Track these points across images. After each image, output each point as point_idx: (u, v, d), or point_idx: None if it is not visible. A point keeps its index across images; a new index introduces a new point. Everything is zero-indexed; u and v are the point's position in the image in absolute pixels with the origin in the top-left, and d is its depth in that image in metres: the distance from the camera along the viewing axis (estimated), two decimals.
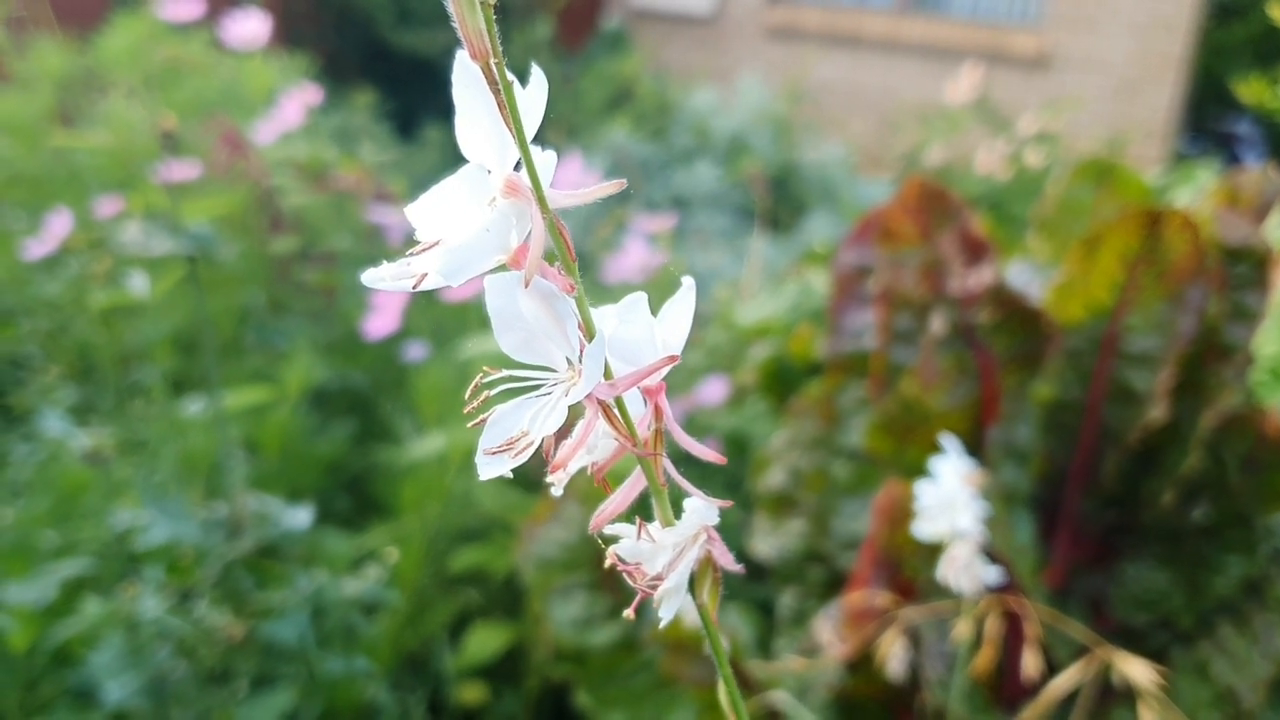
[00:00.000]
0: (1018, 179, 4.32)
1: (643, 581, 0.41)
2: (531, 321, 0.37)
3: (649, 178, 4.56)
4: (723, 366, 2.15)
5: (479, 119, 0.37)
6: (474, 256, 0.36)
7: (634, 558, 0.42)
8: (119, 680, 1.21)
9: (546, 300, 0.37)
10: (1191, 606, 1.25)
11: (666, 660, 1.36)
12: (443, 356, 1.95)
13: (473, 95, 0.37)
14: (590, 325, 0.38)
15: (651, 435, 0.41)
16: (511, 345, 0.38)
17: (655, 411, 0.41)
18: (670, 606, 0.41)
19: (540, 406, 0.38)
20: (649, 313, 0.40)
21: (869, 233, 1.49)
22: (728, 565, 0.42)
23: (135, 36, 2.20)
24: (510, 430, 0.38)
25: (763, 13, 7.21)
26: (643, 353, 0.39)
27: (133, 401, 1.85)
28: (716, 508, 0.42)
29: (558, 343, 0.38)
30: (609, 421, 0.39)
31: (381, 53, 5.64)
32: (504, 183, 0.37)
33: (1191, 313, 1.23)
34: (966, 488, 1.00)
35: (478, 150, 0.37)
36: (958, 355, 1.32)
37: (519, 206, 0.37)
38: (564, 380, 0.38)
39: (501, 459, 0.38)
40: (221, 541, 1.32)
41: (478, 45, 0.35)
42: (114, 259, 1.85)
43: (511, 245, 0.37)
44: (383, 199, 2.25)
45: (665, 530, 0.42)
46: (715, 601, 0.43)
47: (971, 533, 1.00)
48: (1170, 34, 6.23)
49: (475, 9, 0.35)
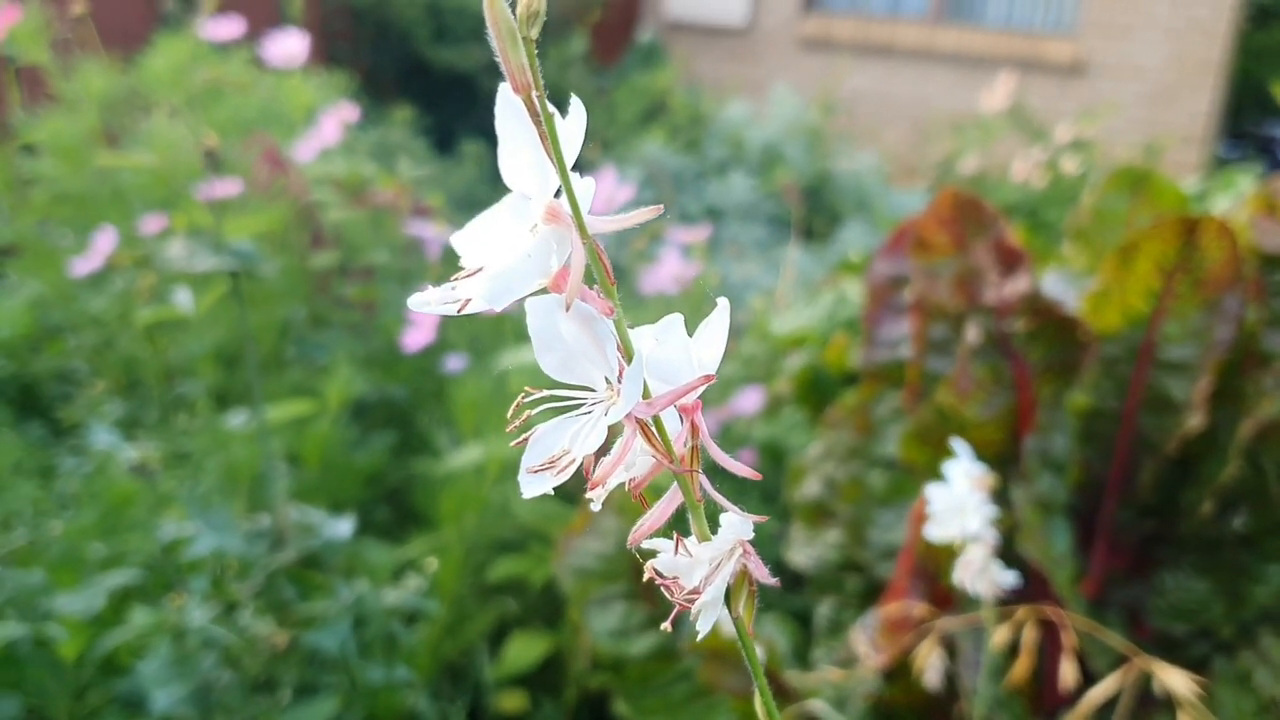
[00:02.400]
0: (1053, 187, 4.30)
1: (680, 595, 0.42)
2: (571, 343, 0.38)
3: (683, 189, 4.58)
4: (758, 377, 2.15)
5: (521, 149, 0.38)
6: (516, 281, 0.37)
7: (671, 571, 0.43)
8: (166, 689, 1.23)
9: (586, 323, 0.38)
10: (1232, 616, 1.24)
11: (705, 670, 1.37)
12: (480, 369, 1.97)
13: (515, 126, 0.38)
14: (629, 346, 0.39)
15: (688, 452, 0.41)
16: (552, 365, 0.39)
17: (691, 429, 0.41)
18: (707, 619, 0.42)
19: (581, 425, 0.39)
20: (685, 333, 0.41)
21: (903, 243, 1.49)
22: (763, 578, 0.43)
23: (177, 57, 2.24)
24: (552, 449, 0.39)
25: (796, 23, 7.22)
26: (679, 372, 0.40)
27: (177, 415, 1.88)
28: (751, 522, 0.42)
29: (597, 363, 0.39)
30: (647, 439, 0.40)
31: (418, 69, 5.69)
32: (545, 210, 0.38)
33: (1229, 321, 1.23)
34: (976, 491, 1.00)
35: (520, 179, 0.39)
36: (993, 365, 1.32)
37: (559, 232, 0.38)
38: (603, 400, 0.39)
39: (544, 477, 0.39)
40: (265, 552, 1.34)
41: (520, 79, 0.36)
42: (159, 275, 1.89)
43: (552, 269, 0.38)
44: (421, 214, 2.27)
45: (702, 545, 0.43)
46: (751, 614, 0.44)
47: (984, 535, 1.00)
48: (1207, 38, 6.18)
49: (518, 44, 0.36)
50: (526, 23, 0.36)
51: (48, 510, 1.52)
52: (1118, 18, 6.38)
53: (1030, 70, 6.40)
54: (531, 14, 0.36)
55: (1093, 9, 6.45)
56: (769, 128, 5.14)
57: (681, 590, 0.42)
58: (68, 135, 2.14)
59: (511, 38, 0.36)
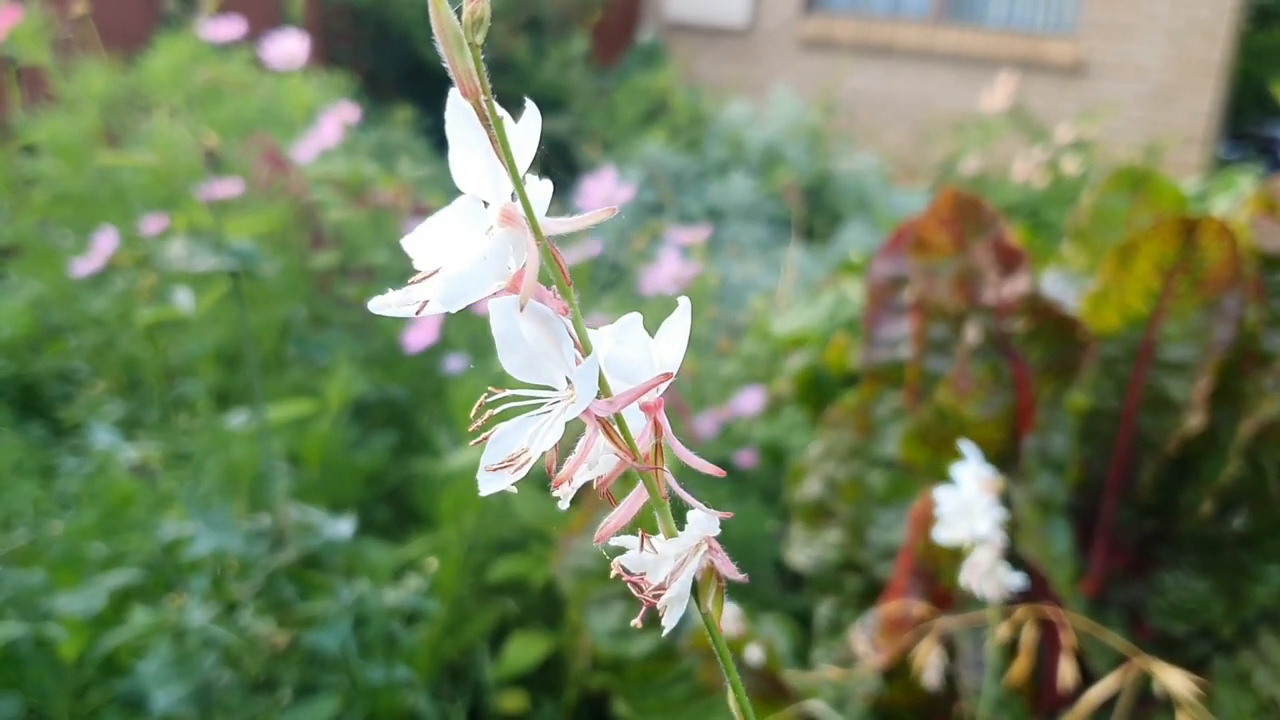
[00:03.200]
0: (1054, 187, 4.30)
1: (647, 591, 0.43)
2: (532, 343, 0.39)
3: (683, 190, 4.58)
4: (758, 377, 2.16)
5: (472, 153, 0.39)
6: (472, 283, 0.38)
7: (638, 568, 0.43)
8: (166, 688, 1.23)
9: (544, 322, 0.39)
10: (1232, 616, 1.24)
11: (703, 670, 1.37)
12: (480, 369, 1.97)
13: (466, 131, 0.38)
14: (586, 344, 0.40)
15: (652, 450, 0.42)
16: (515, 366, 0.40)
17: (654, 427, 0.42)
18: (673, 615, 0.43)
19: (539, 424, 0.40)
20: (644, 333, 0.41)
21: (903, 243, 1.49)
22: (730, 574, 0.44)
23: (178, 57, 2.24)
24: (510, 448, 0.40)
25: (796, 24, 7.22)
26: (640, 371, 0.41)
27: (178, 415, 1.89)
28: (717, 519, 0.43)
29: (556, 363, 0.39)
30: (609, 437, 0.41)
31: (418, 69, 5.69)
32: (500, 213, 0.39)
33: (1228, 321, 1.23)
34: (985, 493, 1.00)
35: (472, 182, 0.39)
36: (993, 365, 1.32)
37: (515, 235, 0.39)
38: (563, 399, 0.40)
39: (502, 475, 0.40)
40: (265, 552, 1.34)
41: (468, 84, 0.37)
42: (159, 275, 1.89)
43: (510, 271, 0.39)
44: (421, 214, 2.27)
45: (668, 541, 0.43)
46: (720, 609, 0.44)
47: (991, 538, 1.00)
48: (1208, 39, 6.18)
49: (464, 49, 0.36)
50: (471, 28, 0.37)
51: (48, 510, 1.52)
52: (1118, 18, 6.38)
53: (1031, 70, 6.40)
54: (476, 20, 0.37)
55: (1093, 9, 6.45)
56: (769, 128, 5.14)
57: (649, 586, 0.43)
58: (68, 135, 2.14)
59: (458, 43, 0.36)
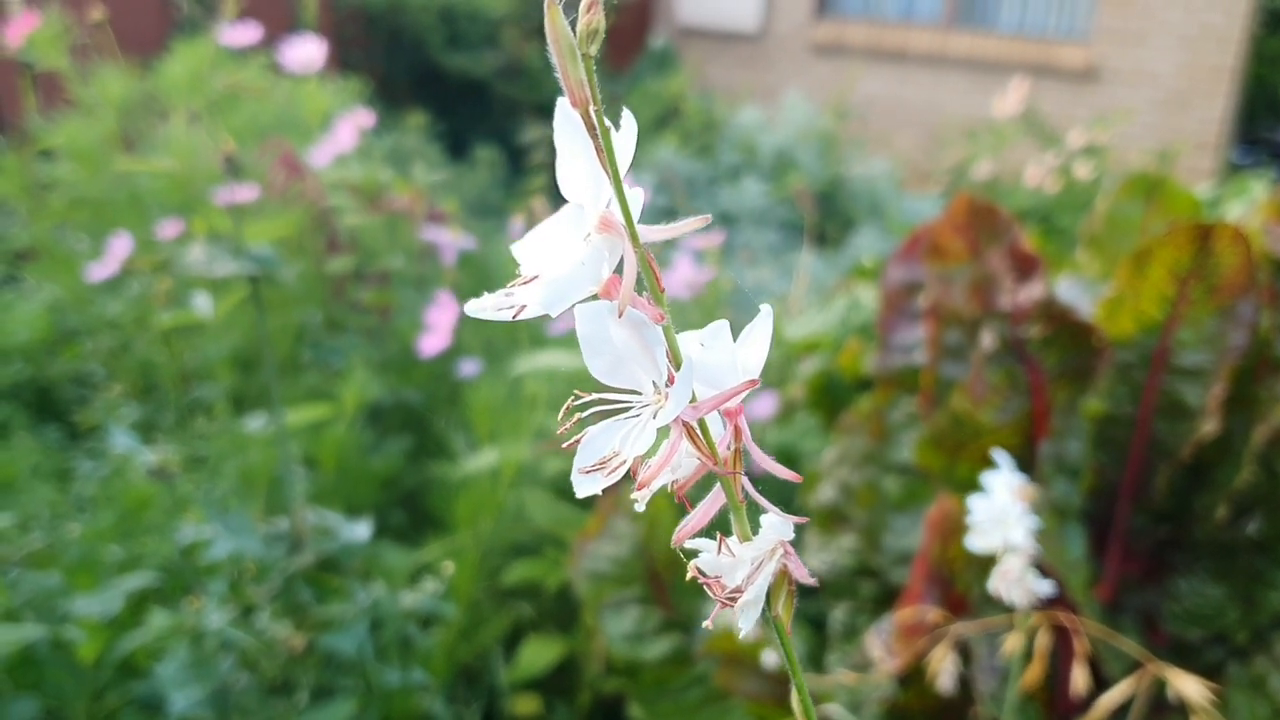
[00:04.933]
0: (1067, 192, 4.29)
1: (722, 594, 0.43)
2: (620, 348, 0.40)
3: (696, 195, 4.59)
4: (771, 382, 2.16)
5: (578, 161, 0.39)
6: (571, 288, 0.39)
7: (714, 571, 0.44)
8: (184, 691, 1.24)
9: (637, 328, 0.39)
10: (1247, 622, 1.24)
11: (719, 674, 1.38)
12: (495, 373, 1.97)
13: (572, 139, 0.39)
14: (677, 352, 0.41)
15: (731, 455, 0.43)
16: (600, 369, 0.41)
17: (735, 432, 0.43)
18: (749, 617, 0.43)
19: (630, 428, 0.40)
20: (731, 339, 0.42)
21: (917, 249, 1.50)
22: (803, 578, 0.44)
23: (195, 63, 2.26)
24: (602, 450, 0.40)
25: (808, 29, 7.22)
26: (724, 377, 0.42)
27: (195, 419, 1.90)
28: (792, 524, 0.44)
29: (645, 368, 0.40)
30: (692, 442, 0.41)
31: (432, 75, 5.71)
32: (599, 219, 0.39)
33: (1243, 327, 1.23)
34: (1018, 502, 1.00)
35: (576, 189, 0.40)
36: (1008, 370, 1.32)
37: (612, 241, 0.39)
38: (650, 403, 0.40)
39: (595, 477, 0.40)
40: (282, 555, 1.35)
41: (579, 94, 0.38)
42: (176, 280, 1.90)
43: (604, 277, 0.39)
44: (435, 219, 2.28)
45: (744, 545, 0.44)
46: (789, 614, 0.45)
47: (1024, 546, 1.00)
48: (1220, 44, 6.17)
49: (577, 60, 0.37)
50: (586, 40, 0.37)
51: (65, 513, 1.53)
52: (1131, 24, 6.37)
53: (1043, 76, 6.40)
54: (591, 32, 0.37)
55: (1106, 15, 6.44)
56: (781, 133, 5.15)
57: (724, 589, 0.43)
58: (86, 140, 2.16)
59: (571, 54, 0.37)
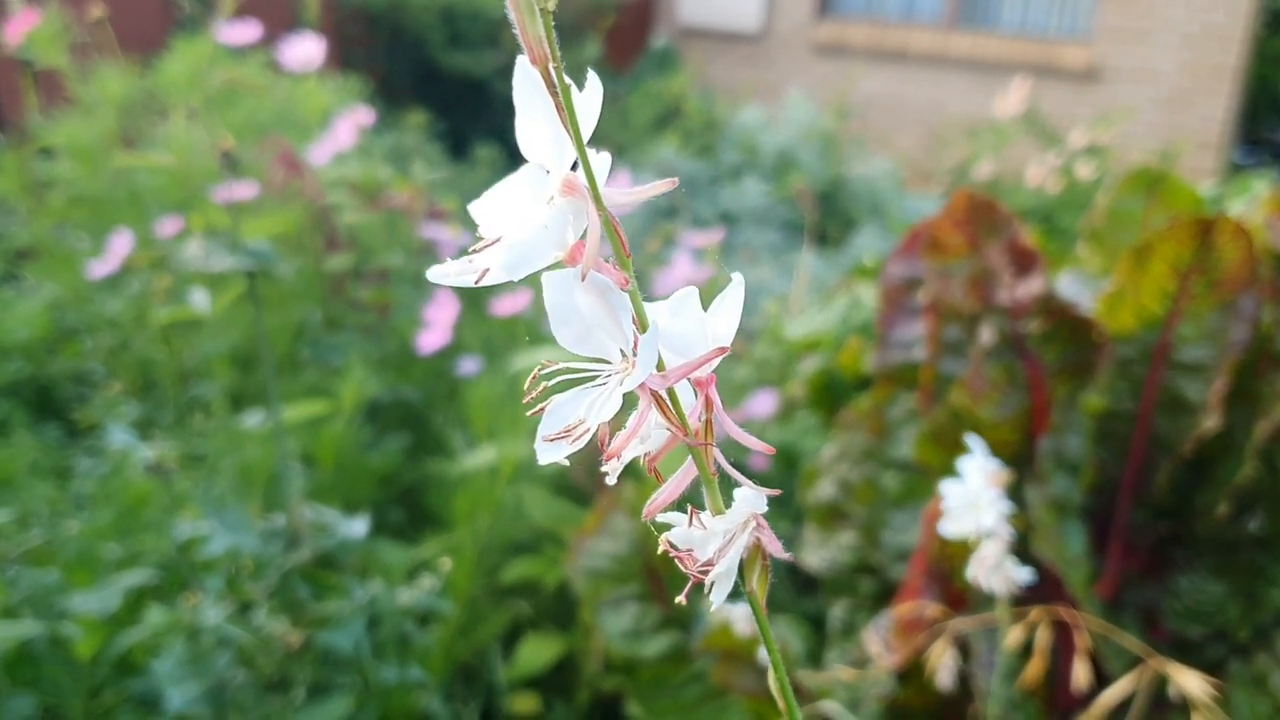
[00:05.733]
0: (1068, 192, 4.29)
1: (694, 567, 0.43)
2: (587, 315, 0.39)
3: (697, 194, 4.58)
4: (772, 380, 2.15)
5: (538, 121, 0.38)
6: (533, 252, 0.38)
7: (685, 544, 0.43)
8: (180, 687, 1.24)
9: (602, 294, 0.39)
10: (1248, 618, 1.23)
11: (718, 671, 1.37)
12: (493, 371, 1.97)
13: (532, 98, 0.38)
14: (643, 318, 0.40)
15: (702, 425, 0.42)
16: (568, 338, 0.40)
17: (705, 402, 0.42)
18: (720, 590, 0.43)
19: (596, 396, 0.40)
20: (700, 307, 0.41)
21: (917, 245, 1.49)
22: (776, 552, 0.44)
23: (194, 60, 2.26)
24: (568, 418, 0.40)
25: (810, 29, 7.22)
26: (694, 345, 0.41)
27: (193, 416, 1.90)
28: (765, 496, 0.43)
29: (612, 335, 0.39)
30: (661, 412, 0.40)
31: (433, 74, 5.71)
32: (562, 182, 0.38)
33: (1244, 322, 1.22)
34: (991, 487, 1.00)
35: (537, 150, 0.39)
36: (1007, 366, 1.32)
37: (576, 204, 0.38)
38: (619, 371, 0.40)
39: (559, 445, 0.40)
40: (279, 552, 1.34)
41: (537, 50, 0.37)
42: (175, 277, 1.90)
43: (569, 242, 0.39)
44: (435, 217, 2.28)
45: (716, 518, 0.43)
46: (764, 589, 0.44)
47: (998, 531, 1.00)
48: (1223, 44, 6.16)
49: (535, 16, 0.36)
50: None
51: (64, 510, 1.53)
52: (1133, 23, 6.36)
53: (1045, 75, 6.39)
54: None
55: (1107, 14, 6.44)
56: (783, 133, 5.14)
57: (695, 563, 0.43)
58: (85, 138, 2.16)
59: (529, 10, 0.36)
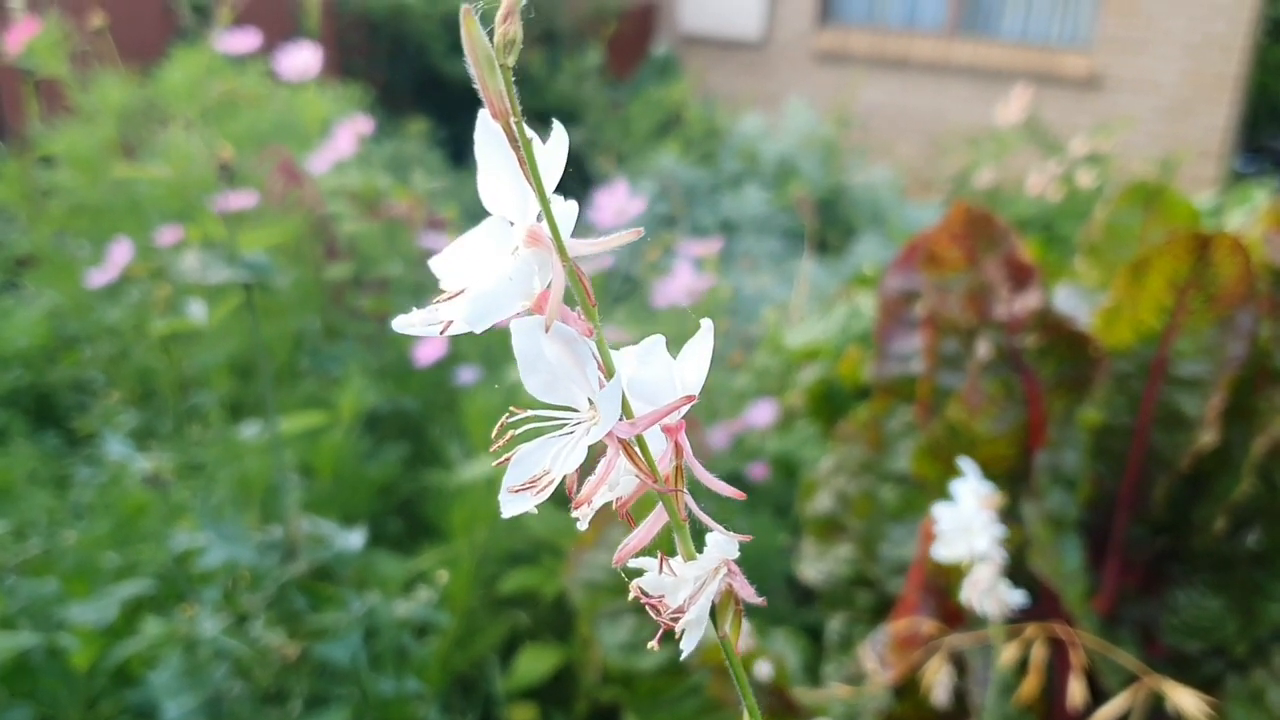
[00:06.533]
0: (1069, 200, 4.29)
1: (665, 614, 0.42)
2: (554, 364, 0.39)
3: (697, 202, 4.58)
4: (771, 389, 2.15)
5: (501, 174, 0.39)
6: (497, 303, 0.38)
7: (657, 590, 0.43)
8: (177, 699, 1.23)
9: (567, 344, 0.39)
10: (1245, 634, 1.23)
11: (714, 684, 1.37)
12: (492, 381, 1.97)
13: (494, 152, 0.38)
14: (610, 366, 0.40)
15: (672, 471, 0.42)
16: (536, 386, 0.40)
17: (675, 449, 0.42)
18: (691, 639, 0.42)
19: (562, 445, 0.39)
20: (667, 355, 0.41)
21: (915, 258, 1.49)
22: (749, 598, 0.43)
23: (194, 70, 2.26)
24: (533, 469, 0.40)
25: (811, 37, 7.23)
26: (662, 392, 0.41)
27: (191, 426, 1.89)
28: (736, 542, 0.43)
29: (579, 384, 0.39)
30: (630, 459, 0.40)
31: (433, 82, 5.71)
32: (526, 233, 0.38)
33: (1242, 337, 1.22)
34: (983, 511, 1.00)
35: (500, 203, 0.39)
36: (1004, 380, 1.32)
37: (541, 255, 0.38)
38: (585, 420, 0.40)
39: (524, 497, 0.39)
40: (277, 563, 1.34)
41: (498, 105, 0.37)
42: (174, 287, 1.90)
43: (534, 291, 0.39)
44: (435, 226, 2.28)
45: (687, 564, 0.43)
46: (738, 633, 0.44)
47: (991, 555, 0.99)
48: (1224, 53, 6.16)
49: (495, 71, 0.36)
50: (503, 50, 0.37)
51: (62, 520, 1.53)
52: (1134, 32, 6.37)
53: (1046, 84, 6.39)
54: (508, 42, 0.37)
55: (1109, 23, 6.44)
56: (783, 141, 5.14)
57: (667, 609, 0.42)
58: (85, 147, 2.16)
59: (489, 65, 0.36)
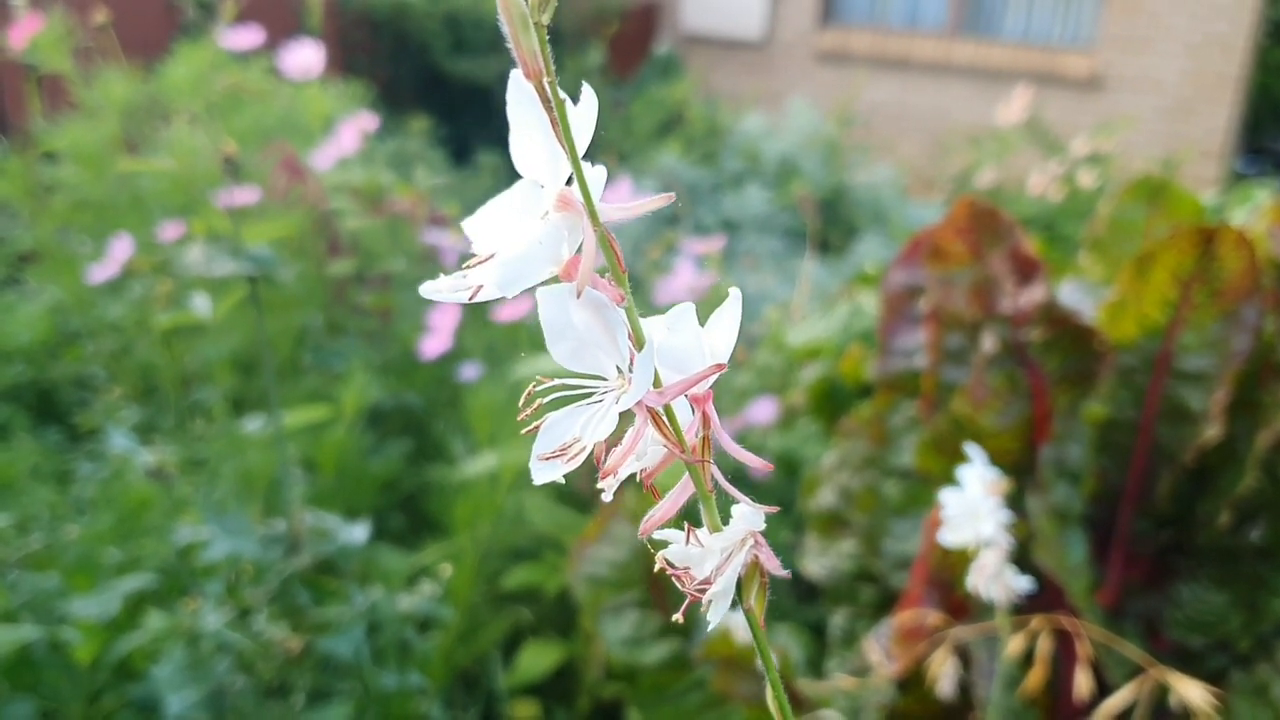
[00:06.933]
0: (1070, 200, 4.29)
1: (691, 585, 0.42)
2: (583, 331, 0.38)
3: (699, 201, 4.58)
4: (773, 388, 2.15)
5: (533, 135, 0.38)
6: (528, 268, 0.37)
7: (683, 562, 0.42)
8: (180, 693, 1.23)
9: (598, 310, 0.38)
10: (1250, 628, 1.23)
11: (718, 678, 1.37)
12: (495, 377, 1.97)
13: (527, 112, 0.38)
14: (640, 334, 0.39)
15: (699, 442, 0.41)
16: (563, 354, 0.39)
17: (703, 419, 0.41)
18: (718, 610, 0.42)
19: (592, 414, 0.39)
20: (696, 322, 0.40)
21: (919, 252, 1.49)
22: (774, 570, 0.43)
23: (197, 66, 2.26)
24: (563, 436, 0.39)
25: (813, 36, 7.23)
26: (691, 361, 0.40)
27: (194, 420, 1.89)
28: (763, 513, 0.42)
29: (608, 352, 0.39)
30: (658, 429, 0.40)
31: (436, 80, 5.71)
32: (556, 197, 0.38)
33: (1246, 331, 1.22)
34: (990, 496, 0.99)
35: (532, 166, 0.38)
36: (1009, 374, 1.32)
37: (571, 220, 0.38)
38: (614, 388, 0.39)
39: (555, 464, 0.39)
40: (280, 557, 1.34)
41: (531, 65, 0.36)
42: (177, 282, 1.90)
43: (563, 257, 0.38)
44: (437, 222, 2.28)
45: (713, 535, 0.42)
46: (762, 606, 0.43)
47: (997, 540, 0.99)
48: (1226, 53, 6.16)
49: (529, 29, 0.36)
50: (538, 8, 0.36)
51: (64, 514, 1.53)
52: (1136, 32, 6.37)
53: (1047, 84, 6.39)
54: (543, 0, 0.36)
55: (1110, 23, 6.44)
56: (785, 140, 5.14)
57: (693, 581, 0.42)
58: (88, 143, 2.16)
59: (523, 23, 0.36)
